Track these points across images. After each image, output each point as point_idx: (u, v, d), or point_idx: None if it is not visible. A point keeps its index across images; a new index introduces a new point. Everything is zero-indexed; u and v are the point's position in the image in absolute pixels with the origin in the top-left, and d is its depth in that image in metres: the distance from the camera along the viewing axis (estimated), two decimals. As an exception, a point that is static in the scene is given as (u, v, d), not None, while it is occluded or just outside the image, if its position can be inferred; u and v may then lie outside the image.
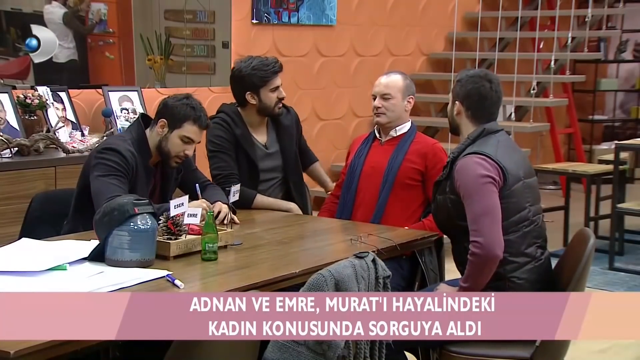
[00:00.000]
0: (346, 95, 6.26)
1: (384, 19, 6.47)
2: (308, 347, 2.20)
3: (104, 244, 2.40)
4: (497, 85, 2.75)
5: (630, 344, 3.99)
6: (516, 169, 2.65)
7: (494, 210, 2.55)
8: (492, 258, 2.54)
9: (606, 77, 8.74)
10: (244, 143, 3.36)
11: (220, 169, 3.32)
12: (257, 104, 3.37)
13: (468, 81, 2.73)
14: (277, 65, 3.38)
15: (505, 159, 2.63)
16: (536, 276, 2.65)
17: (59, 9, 4.58)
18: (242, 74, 3.36)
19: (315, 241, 3.03)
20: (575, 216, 5.75)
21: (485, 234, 2.53)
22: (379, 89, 3.30)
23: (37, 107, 4.11)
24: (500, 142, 2.69)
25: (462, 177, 2.60)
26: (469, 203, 2.57)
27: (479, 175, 2.57)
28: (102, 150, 2.83)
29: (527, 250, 2.64)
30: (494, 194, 2.57)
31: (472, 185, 2.57)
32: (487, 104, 2.73)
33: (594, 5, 7.09)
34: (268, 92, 3.35)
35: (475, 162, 2.59)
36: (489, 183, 2.57)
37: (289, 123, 3.50)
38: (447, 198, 2.68)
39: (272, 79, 3.35)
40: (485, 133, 2.69)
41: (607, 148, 7.64)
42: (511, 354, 2.59)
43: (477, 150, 2.63)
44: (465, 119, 2.74)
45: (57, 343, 1.86)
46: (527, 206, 2.66)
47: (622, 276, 5.10)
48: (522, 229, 2.64)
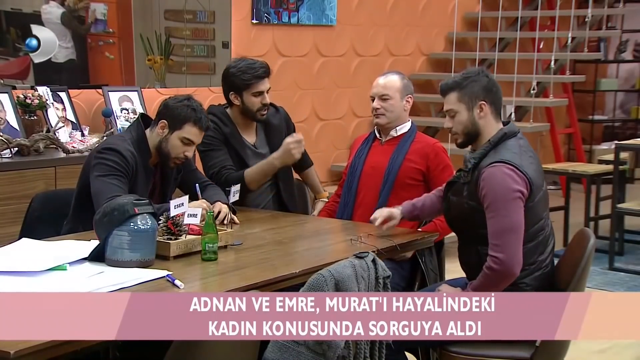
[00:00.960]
0: (346, 95, 6.26)
1: (384, 19, 6.47)
2: (308, 347, 2.20)
3: (104, 244, 2.40)
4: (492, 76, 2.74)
5: (630, 344, 3.99)
6: (538, 178, 2.61)
7: (519, 228, 2.52)
8: (510, 276, 2.53)
9: (606, 77, 8.74)
10: (233, 142, 3.36)
11: (214, 165, 3.31)
12: (240, 106, 3.37)
13: (475, 79, 2.65)
14: (262, 71, 3.34)
15: (530, 168, 2.58)
16: (543, 282, 2.65)
17: (57, 9, 4.58)
18: (229, 73, 3.36)
19: (316, 241, 3.03)
20: (575, 216, 5.75)
21: (507, 252, 2.50)
22: (377, 90, 3.30)
23: (37, 107, 4.11)
24: (522, 146, 2.64)
25: (490, 188, 2.54)
26: (494, 216, 2.53)
27: (510, 190, 2.51)
28: (102, 150, 2.82)
29: (540, 257, 2.64)
30: (521, 210, 2.53)
31: (501, 199, 2.52)
32: (500, 95, 2.70)
33: (594, 6, 7.09)
34: (250, 96, 3.34)
35: (504, 173, 2.53)
36: (518, 198, 2.52)
37: (278, 122, 3.49)
38: (465, 203, 2.63)
39: (254, 84, 3.32)
40: (507, 137, 2.63)
41: (607, 148, 7.64)
42: (511, 354, 2.59)
43: (503, 158, 2.56)
44: (491, 118, 2.65)
45: (57, 343, 1.86)
46: (544, 216, 2.65)
47: (622, 276, 5.10)
48: (537, 238, 2.63)
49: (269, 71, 3.39)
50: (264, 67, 3.37)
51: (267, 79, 3.37)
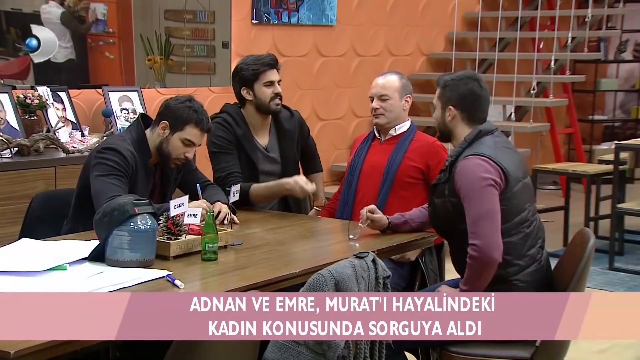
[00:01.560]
0: (346, 95, 6.26)
1: (384, 19, 6.47)
2: (308, 347, 2.20)
3: (104, 244, 2.40)
4: (484, 82, 2.76)
5: (630, 344, 3.99)
6: (515, 169, 2.65)
7: (494, 214, 2.55)
8: (490, 261, 2.53)
9: (606, 77, 8.74)
10: (245, 144, 3.36)
11: (222, 170, 3.31)
12: (253, 100, 3.37)
13: (458, 84, 2.71)
14: (269, 59, 3.38)
15: (505, 160, 2.62)
16: (539, 278, 2.65)
17: (57, 9, 4.58)
18: (238, 69, 3.39)
19: (315, 241, 3.03)
20: (575, 216, 5.75)
21: (483, 237, 2.52)
22: (376, 90, 3.30)
23: (37, 107, 4.11)
24: (498, 142, 2.68)
25: (463, 179, 2.59)
26: (469, 205, 2.57)
27: (480, 178, 2.56)
28: (102, 150, 2.82)
29: (529, 252, 2.64)
30: (494, 197, 2.56)
31: (473, 187, 2.56)
32: (481, 103, 2.73)
33: (594, 6, 7.09)
34: (262, 86, 3.34)
35: (476, 164, 2.59)
36: (490, 185, 2.56)
37: (291, 128, 3.48)
38: (448, 201, 2.66)
39: (264, 72, 3.34)
40: (482, 134, 2.68)
41: (607, 148, 7.64)
42: (511, 354, 2.59)
43: (477, 151, 2.62)
44: (461, 123, 2.72)
45: (57, 343, 1.86)
46: (526, 207, 2.66)
47: (622, 276, 5.10)
48: (523, 230, 2.63)
49: (277, 61, 3.41)
50: (270, 56, 3.41)
51: (276, 69, 3.38)
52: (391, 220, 2.92)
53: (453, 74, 2.78)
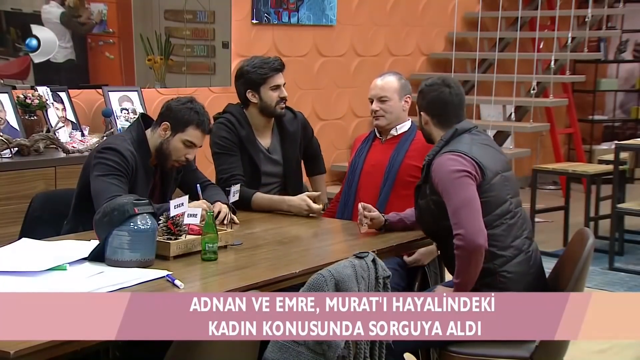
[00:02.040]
0: (346, 95, 6.26)
1: (384, 19, 6.47)
2: (308, 347, 2.20)
3: (104, 244, 2.40)
4: (457, 88, 2.81)
5: (630, 344, 3.99)
6: (493, 163, 2.69)
7: (471, 202, 2.58)
8: (477, 247, 2.55)
9: (606, 77, 8.74)
10: (247, 145, 3.35)
11: (225, 171, 3.30)
12: (258, 103, 3.36)
13: (428, 90, 2.80)
14: (277, 63, 3.38)
15: (481, 154, 2.67)
16: (526, 269, 2.66)
17: (57, 9, 4.58)
18: (243, 71, 3.37)
19: (315, 241, 3.03)
20: (575, 216, 5.75)
21: (465, 225, 2.55)
22: (375, 92, 3.30)
23: (37, 107, 4.11)
24: (474, 139, 2.73)
25: (438, 175, 2.64)
26: (447, 199, 2.61)
27: (453, 171, 2.61)
28: (102, 150, 2.82)
29: (514, 243, 2.66)
30: (470, 186, 2.60)
31: (447, 181, 2.61)
32: (450, 109, 2.78)
33: (594, 6, 7.09)
34: (268, 90, 3.34)
35: (448, 159, 2.64)
36: (464, 176, 2.60)
37: (294, 130, 3.48)
38: (430, 200, 2.70)
39: (271, 77, 3.34)
40: (459, 133, 2.73)
41: (607, 148, 7.64)
42: (511, 354, 2.60)
43: (450, 149, 2.68)
44: (434, 127, 2.80)
45: (57, 343, 1.86)
46: (507, 198, 2.69)
47: (622, 276, 5.10)
48: (506, 222, 2.66)
49: (284, 65, 3.40)
50: (278, 60, 3.41)
51: (282, 72, 3.38)
52: (387, 218, 2.93)
53: (429, 79, 2.85)
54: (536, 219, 5.87)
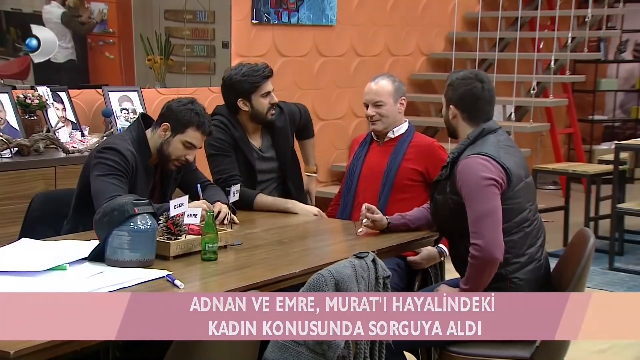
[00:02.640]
0: (346, 95, 6.26)
1: (383, 19, 6.47)
2: (308, 347, 2.20)
3: (104, 244, 2.40)
4: (489, 84, 2.75)
5: (630, 344, 3.99)
6: (517, 169, 2.65)
7: (495, 213, 2.55)
8: (492, 261, 2.53)
9: (606, 77, 8.74)
10: (242, 146, 3.35)
11: (222, 172, 3.30)
12: (249, 111, 3.36)
13: (460, 84, 2.73)
14: (267, 70, 3.36)
15: (508, 159, 2.63)
16: (536, 276, 2.65)
17: (57, 9, 4.58)
18: (233, 80, 3.34)
19: (315, 241, 3.03)
20: (575, 216, 5.75)
21: (485, 237, 2.52)
22: (370, 96, 3.29)
23: (37, 107, 4.11)
24: (501, 141, 2.69)
25: (465, 178, 2.59)
26: (470, 204, 2.57)
27: (482, 177, 2.56)
28: (102, 150, 2.82)
29: (529, 250, 2.64)
30: (496, 196, 2.57)
31: (475, 187, 2.57)
32: (481, 105, 2.73)
33: (594, 6, 7.09)
34: (259, 97, 3.33)
35: (478, 163, 2.59)
36: (492, 185, 2.56)
37: (283, 124, 3.48)
38: (449, 198, 2.67)
39: (262, 84, 3.32)
40: (485, 133, 2.69)
41: (607, 148, 7.64)
42: (511, 354, 2.59)
43: (479, 151, 2.63)
44: (462, 122, 2.74)
45: (57, 343, 1.86)
46: (528, 206, 2.66)
47: (622, 276, 5.10)
48: (523, 229, 2.64)
49: (272, 71, 3.40)
50: (267, 67, 3.39)
51: (271, 78, 3.38)
52: (390, 221, 2.92)
53: (461, 72, 2.79)
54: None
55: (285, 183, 3.47)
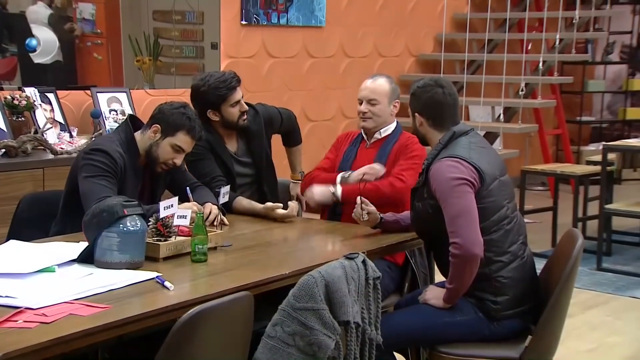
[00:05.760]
0: (335, 96, 6.27)
1: (372, 20, 6.48)
2: (298, 348, 2.20)
3: (93, 246, 2.39)
4: (450, 88, 2.78)
5: (617, 343, 4.02)
6: (491, 168, 2.67)
7: (469, 211, 2.57)
8: (472, 257, 2.55)
9: (593, 79, 8.78)
10: (218, 150, 3.33)
11: (205, 175, 3.24)
12: (219, 120, 3.34)
13: (421, 92, 2.76)
14: (235, 81, 3.30)
15: (480, 159, 2.65)
16: (521, 274, 2.66)
17: (45, 10, 4.55)
18: (200, 92, 3.28)
19: (305, 242, 3.03)
20: (564, 217, 5.78)
21: (462, 235, 2.54)
22: (366, 93, 3.29)
23: (24, 108, 4.09)
24: (472, 142, 2.71)
25: (437, 181, 2.62)
26: (445, 206, 2.59)
27: (452, 178, 2.58)
28: (90, 151, 2.81)
29: (511, 248, 2.66)
30: (469, 194, 2.58)
31: (446, 188, 2.59)
32: (445, 109, 2.76)
33: (581, 7, 7.13)
34: (229, 107, 3.29)
35: (447, 165, 2.61)
36: (463, 184, 2.58)
37: (258, 128, 3.44)
38: (427, 204, 2.68)
39: (230, 95, 3.28)
40: (457, 135, 2.71)
41: (594, 149, 7.68)
42: (500, 354, 2.61)
43: (450, 154, 2.65)
44: (429, 128, 2.77)
45: (47, 345, 1.85)
46: (505, 204, 2.68)
47: (609, 276, 5.13)
48: (503, 227, 2.65)
49: (240, 79, 3.35)
50: (234, 76, 3.32)
51: (239, 86, 3.33)
52: (383, 217, 2.92)
53: (421, 81, 2.82)
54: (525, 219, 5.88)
55: (261, 189, 3.45)
